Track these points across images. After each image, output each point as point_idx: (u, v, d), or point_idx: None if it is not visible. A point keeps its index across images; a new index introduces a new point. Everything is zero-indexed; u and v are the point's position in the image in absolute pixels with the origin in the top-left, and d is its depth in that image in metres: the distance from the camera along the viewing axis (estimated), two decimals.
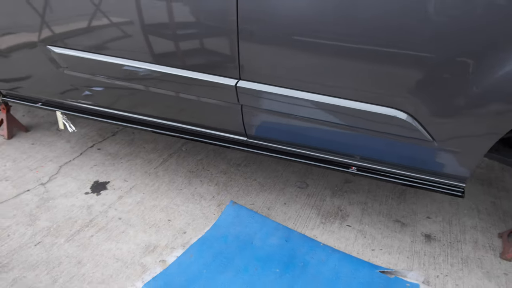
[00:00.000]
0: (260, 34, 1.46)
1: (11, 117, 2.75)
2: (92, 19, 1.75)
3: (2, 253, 1.79)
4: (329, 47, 1.41)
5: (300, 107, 1.56)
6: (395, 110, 1.43)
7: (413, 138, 1.45)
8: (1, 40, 2.08)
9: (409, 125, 1.42)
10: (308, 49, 1.44)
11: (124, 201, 2.14)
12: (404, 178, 1.61)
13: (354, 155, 1.64)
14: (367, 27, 1.32)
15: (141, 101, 1.96)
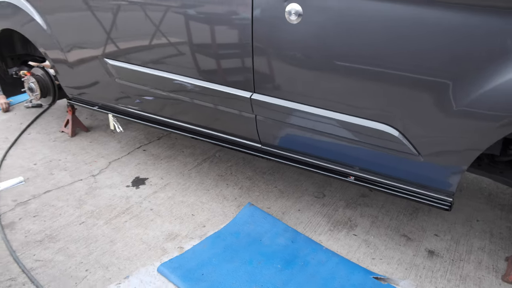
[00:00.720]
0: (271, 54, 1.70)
1: (75, 118, 3.20)
2: (139, 38, 2.09)
3: (53, 228, 2.15)
4: (332, 68, 1.60)
5: (304, 120, 1.76)
6: (387, 126, 1.58)
7: (401, 152, 1.59)
8: (70, 54, 2.50)
9: (398, 139, 1.56)
10: (311, 68, 1.65)
11: (157, 196, 2.43)
12: (394, 188, 1.74)
13: (352, 165, 1.80)
14: (365, 51, 1.50)
15: (180, 110, 2.25)
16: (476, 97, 1.36)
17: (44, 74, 2.96)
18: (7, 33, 2.92)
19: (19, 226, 2.16)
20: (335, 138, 1.73)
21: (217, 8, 1.77)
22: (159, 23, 1.97)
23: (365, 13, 1.45)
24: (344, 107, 1.64)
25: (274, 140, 1.96)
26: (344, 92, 1.61)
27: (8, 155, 2.90)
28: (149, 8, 1.98)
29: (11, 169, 2.71)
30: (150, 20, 2.00)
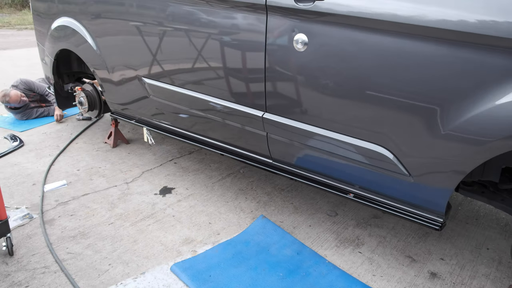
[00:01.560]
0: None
1: (118, 131, 3.52)
2: (171, 60, 2.35)
3: (86, 226, 2.41)
4: (332, 92, 1.76)
5: (307, 138, 1.92)
6: (381, 147, 1.70)
7: (394, 172, 1.69)
8: (114, 74, 2.82)
9: (391, 160, 1.68)
10: (313, 92, 1.81)
11: (180, 204, 2.65)
12: (389, 207, 1.83)
13: (352, 183, 1.92)
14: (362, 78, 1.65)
15: (205, 127, 2.47)
16: (461, 123, 1.46)
17: (92, 90, 3.32)
18: (65, 53, 3.31)
19: (57, 223, 2.44)
20: (335, 157, 1.87)
21: (237, 33, 1.99)
22: (187, 48, 2.22)
23: (363, 45, 1.61)
24: (343, 128, 1.78)
25: (283, 157, 2.12)
26: (343, 114, 1.76)
27: (57, 161, 3.26)
28: (178, 35, 2.24)
29: (57, 173, 3.04)
30: (179, 45, 2.26)
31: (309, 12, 1.71)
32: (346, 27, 1.64)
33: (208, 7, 2.07)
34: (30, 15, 13.35)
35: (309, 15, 1.72)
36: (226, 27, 2.03)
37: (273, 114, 2.00)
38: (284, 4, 1.76)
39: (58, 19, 3.12)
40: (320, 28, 1.70)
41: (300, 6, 1.72)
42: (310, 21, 1.72)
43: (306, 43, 1.75)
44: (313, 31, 1.73)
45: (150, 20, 2.38)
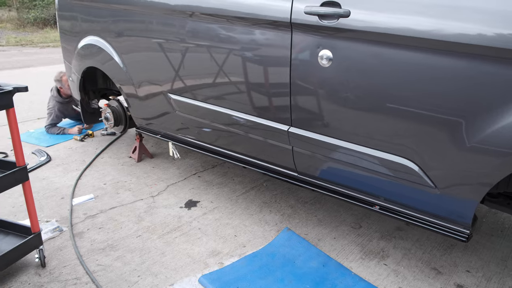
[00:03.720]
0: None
1: (142, 145, 3.60)
2: (195, 76, 2.43)
3: (114, 238, 2.47)
4: (357, 106, 1.80)
5: (332, 151, 1.95)
6: (406, 160, 1.73)
7: (419, 184, 1.71)
8: (140, 89, 2.91)
9: (416, 173, 1.70)
10: (338, 106, 1.85)
11: (206, 217, 2.69)
12: (415, 219, 1.84)
13: (377, 195, 1.94)
14: (386, 92, 1.69)
15: (225, 139, 2.53)
16: (487, 135, 1.48)
17: (118, 106, 3.42)
18: (91, 70, 3.42)
19: (86, 235, 2.51)
20: (360, 170, 1.89)
21: (262, 49, 2.05)
22: (212, 64, 2.29)
23: (387, 59, 1.65)
24: (368, 141, 1.81)
25: (308, 170, 2.16)
26: (368, 128, 1.79)
27: (83, 175, 3.35)
28: (202, 52, 2.31)
29: (85, 187, 3.13)
30: (204, 62, 2.33)
31: (334, 29, 1.76)
32: (370, 43, 1.68)
33: (231, 24, 2.14)
34: (51, 33, 13.77)
35: (333, 32, 1.77)
36: (251, 44, 2.10)
37: (299, 128, 2.04)
38: (309, 21, 1.82)
39: (84, 38, 3.24)
40: (344, 44, 1.75)
41: (325, 23, 1.77)
42: (335, 37, 1.77)
43: (330, 59, 1.80)
44: (338, 47, 1.78)
45: (174, 37, 2.46)
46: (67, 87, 4.10)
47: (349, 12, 1.69)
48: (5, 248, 2.08)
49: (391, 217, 1.96)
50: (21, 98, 5.40)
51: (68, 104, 4.26)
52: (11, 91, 1.89)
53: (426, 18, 1.52)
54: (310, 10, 1.79)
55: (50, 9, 15.24)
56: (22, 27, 15.18)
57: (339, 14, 1.72)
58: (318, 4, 1.78)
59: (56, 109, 4.21)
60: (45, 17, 15.13)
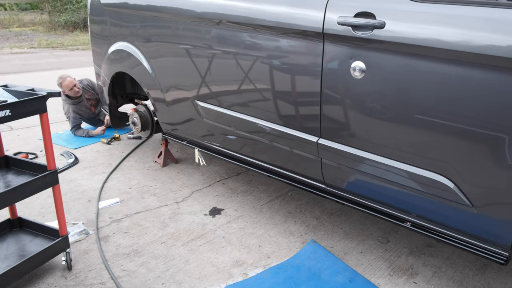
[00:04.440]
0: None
1: (168, 150, 3.62)
2: (224, 84, 2.42)
3: (139, 244, 2.47)
4: (391, 119, 1.75)
5: (363, 165, 1.90)
6: (442, 177, 1.66)
7: (455, 202, 1.65)
8: (168, 95, 2.92)
9: (452, 190, 1.63)
10: (371, 119, 1.80)
11: (230, 225, 2.67)
12: (448, 237, 1.77)
13: (409, 211, 1.88)
14: (422, 105, 1.63)
15: (251, 148, 2.51)
16: None
17: (145, 111, 3.45)
18: (120, 75, 3.46)
19: (112, 240, 2.52)
20: (393, 185, 1.84)
21: (293, 59, 2.03)
22: (241, 73, 2.28)
23: (424, 72, 1.60)
24: (401, 155, 1.76)
25: (337, 182, 2.11)
26: (402, 142, 1.74)
27: (110, 178, 3.38)
28: (234, 57, 2.30)
29: (111, 191, 3.15)
30: (233, 69, 2.32)
31: (367, 40, 1.72)
32: (405, 55, 1.64)
33: (260, 33, 2.13)
34: (81, 36, 14.09)
35: (367, 43, 1.72)
36: (281, 53, 2.07)
37: (329, 139, 2.00)
38: (342, 32, 1.78)
39: (115, 43, 3.28)
40: (378, 55, 1.71)
41: (358, 34, 1.73)
42: (368, 49, 1.73)
43: (363, 70, 1.76)
44: (371, 59, 1.73)
45: (203, 44, 2.46)
46: (68, 92, 4.13)
47: (384, 23, 1.65)
48: (34, 250, 2.11)
49: (423, 234, 1.89)
50: (50, 100, 5.52)
51: (80, 104, 4.32)
52: (45, 96, 1.92)
53: (465, 30, 1.47)
54: (344, 21, 1.76)
55: (80, 13, 15.59)
56: (53, 30, 15.58)
57: (373, 25, 1.68)
58: (352, 15, 1.74)
59: (71, 110, 4.28)
60: (75, 20, 15.48)
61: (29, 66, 8.83)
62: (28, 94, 1.93)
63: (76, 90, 4.18)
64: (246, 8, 2.17)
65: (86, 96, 4.36)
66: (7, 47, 11.71)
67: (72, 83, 4.14)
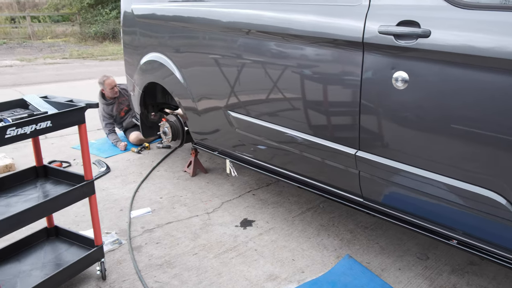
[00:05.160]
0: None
1: (197, 160, 3.62)
2: (259, 93, 2.39)
3: (171, 255, 2.46)
4: (437, 132, 1.68)
5: (408, 179, 1.83)
6: (493, 193, 1.58)
7: (508, 220, 1.56)
8: (199, 104, 2.92)
9: (505, 207, 1.55)
10: (416, 131, 1.74)
11: (262, 238, 2.63)
12: (500, 257, 1.68)
13: (455, 229, 1.79)
14: (471, 117, 1.56)
15: (285, 159, 2.47)
16: None
17: (176, 121, 3.46)
18: (151, 85, 3.49)
19: (144, 250, 2.51)
20: (439, 200, 1.76)
21: (329, 69, 1.98)
22: (276, 81, 2.25)
23: (474, 83, 1.53)
24: (447, 170, 1.68)
25: (377, 196, 2.04)
26: (448, 156, 1.66)
27: (141, 187, 3.39)
28: (267, 67, 2.28)
29: (142, 200, 3.16)
30: (269, 78, 2.29)
31: (411, 50, 1.66)
32: (452, 65, 1.57)
33: (296, 43, 2.09)
34: (110, 47, 14.42)
35: (411, 52, 1.67)
36: (319, 63, 2.03)
37: (368, 152, 1.94)
38: (383, 41, 1.73)
39: (148, 54, 3.31)
40: (423, 65, 1.65)
41: (401, 43, 1.68)
42: (412, 58, 1.67)
43: (406, 80, 1.70)
44: (415, 69, 1.67)
45: (237, 55, 2.45)
46: (108, 91, 4.30)
47: (430, 32, 1.59)
48: (70, 259, 2.12)
49: (469, 252, 1.80)
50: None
51: (111, 106, 4.39)
52: (84, 108, 1.93)
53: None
54: (386, 30, 1.71)
55: (109, 24, 16.01)
56: (83, 41, 16.03)
57: (418, 34, 1.62)
58: (394, 24, 1.69)
59: (102, 109, 4.37)
60: (105, 31, 15.90)
61: (62, 76, 9.08)
62: (67, 106, 1.96)
63: (115, 91, 4.35)
64: (280, 18, 2.15)
65: (119, 100, 4.43)
66: (41, 57, 12.10)
67: (114, 83, 4.34)
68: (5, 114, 1.93)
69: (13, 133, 1.70)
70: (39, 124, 1.78)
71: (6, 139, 1.67)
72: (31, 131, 1.77)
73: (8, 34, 16.58)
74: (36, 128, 1.78)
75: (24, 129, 1.74)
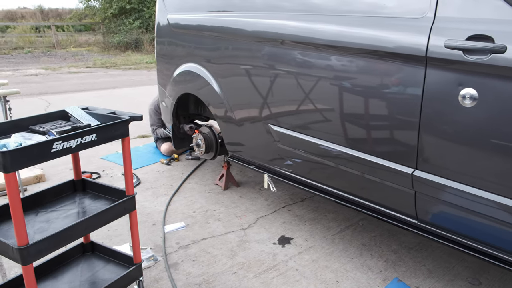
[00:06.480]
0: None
1: (229, 173, 3.54)
2: (302, 106, 2.30)
3: (210, 273, 2.37)
4: (507, 150, 1.56)
5: (470, 202, 1.71)
6: None
7: None
8: (237, 115, 2.84)
9: None
10: (483, 151, 1.62)
11: (302, 257, 2.52)
12: None
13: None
14: None
15: (330, 175, 2.37)
16: None
17: (210, 132, 3.39)
18: (184, 96, 3.44)
19: (181, 268, 2.43)
20: (500, 223, 1.63)
21: (387, 84, 1.89)
22: (326, 95, 2.16)
23: None
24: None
25: (434, 219, 1.92)
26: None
27: (172, 201, 3.32)
28: (316, 81, 2.19)
29: (174, 214, 3.09)
30: (318, 92, 2.20)
31: (483, 66, 1.55)
32: None
33: (350, 56, 2.00)
34: (132, 56, 14.58)
35: (482, 69, 1.56)
36: (375, 77, 1.94)
37: (427, 172, 1.83)
38: (450, 56, 1.63)
39: (182, 64, 3.27)
40: (496, 83, 1.54)
41: (471, 59, 1.57)
42: (483, 75, 1.57)
43: (475, 98, 1.59)
44: (486, 86, 1.57)
45: (281, 68, 2.37)
46: None
47: (506, 48, 1.48)
48: (108, 277, 2.05)
49: None
50: None
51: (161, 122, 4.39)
52: (128, 120, 1.87)
53: None
54: (454, 45, 1.61)
55: (132, 34, 16.21)
56: (106, 50, 16.26)
57: (491, 49, 1.52)
58: (464, 38, 1.59)
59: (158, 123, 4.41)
60: (127, 41, 16.10)
61: (86, 85, 9.16)
62: (110, 118, 1.90)
63: None
64: (332, 31, 2.06)
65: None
66: (65, 66, 12.29)
67: None
68: (47, 126, 1.89)
69: (59, 147, 1.64)
70: (85, 137, 1.72)
71: (52, 153, 1.62)
72: (76, 145, 1.70)
73: (33, 43, 16.94)
74: (81, 141, 1.72)
75: (70, 142, 1.67)
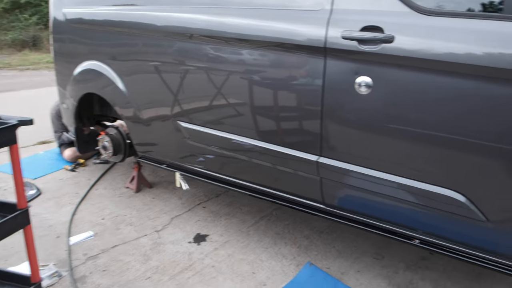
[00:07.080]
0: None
1: (141, 175, 3.41)
2: (211, 101, 2.29)
3: (121, 282, 2.26)
4: (399, 135, 1.69)
5: (371, 183, 1.83)
6: (453, 192, 1.62)
7: (467, 218, 1.60)
8: (145, 114, 2.73)
9: (465, 205, 1.59)
10: (379, 135, 1.74)
11: (218, 252, 2.52)
12: (459, 253, 1.73)
13: (416, 228, 1.82)
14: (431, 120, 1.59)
15: (242, 169, 2.38)
16: None
17: (117, 133, 3.22)
18: (87, 97, 3.23)
19: (89, 280, 2.28)
20: (400, 202, 1.77)
21: (288, 75, 1.94)
22: (232, 89, 2.17)
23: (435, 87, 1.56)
24: (411, 172, 1.70)
25: (339, 202, 2.03)
26: (410, 158, 1.68)
27: (79, 209, 3.11)
28: (221, 74, 2.19)
29: (81, 223, 2.90)
30: (224, 86, 2.20)
31: (375, 55, 1.66)
32: (416, 70, 1.59)
33: (252, 48, 2.03)
34: (30, 56, 13.43)
35: (374, 58, 1.66)
36: (278, 69, 1.98)
37: (330, 158, 1.91)
38: (346, 47, 1.71)
39: (83, 62, 3.06)
40: (387, 70, 1.66)
41: (365, 49, 1.67)
42: (376, 63, 1.67)
43: (370, 85, 1.70)
44: (379, 74, 1.68)
45: (190, 64, 2.33)
46: None
47: (393, 37, 1.60)
48: None
49: (427, 249, 1.84)
50: None
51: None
52: (16, 125, 1.70)
53: (478, 46, 1.44)
54: (349, 35, 1.69)
55: (29, 31, 14.89)
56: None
57: (381, 39, 1.62)
58: (358, 29, 1.68)
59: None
60: (24, 39, 14.75)
61: None
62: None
63: None
64: (239, 24, 2.06)
65: None
66: None
67: None
68: None
69: None
70: None
71: None
72: None
73: None
74: None
75: None
